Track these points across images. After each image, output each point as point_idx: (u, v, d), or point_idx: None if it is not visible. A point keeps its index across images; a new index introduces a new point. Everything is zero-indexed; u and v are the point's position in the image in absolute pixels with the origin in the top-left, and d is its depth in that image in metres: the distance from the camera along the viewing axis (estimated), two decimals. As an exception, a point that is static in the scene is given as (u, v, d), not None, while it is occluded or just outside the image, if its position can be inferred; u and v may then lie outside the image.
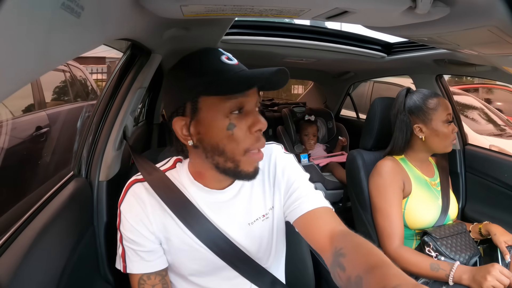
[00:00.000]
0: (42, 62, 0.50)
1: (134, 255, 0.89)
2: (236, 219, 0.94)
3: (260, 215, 0.97)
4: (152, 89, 3.12)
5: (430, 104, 1.51)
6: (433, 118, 1.50)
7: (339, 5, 0.96)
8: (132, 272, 0.90)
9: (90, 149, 1.31)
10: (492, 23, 0.91)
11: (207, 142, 0.82)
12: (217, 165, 0.84)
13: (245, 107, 0.82)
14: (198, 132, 0.83)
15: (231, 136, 0.80)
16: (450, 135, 1.50)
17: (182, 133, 0.85)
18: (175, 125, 0.85)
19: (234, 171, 0.84)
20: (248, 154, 0.83)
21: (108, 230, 1.25)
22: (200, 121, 0.82)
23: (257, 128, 0.82)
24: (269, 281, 0.98)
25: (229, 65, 0.82)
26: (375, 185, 1.55)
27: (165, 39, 1.41)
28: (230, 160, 0.83)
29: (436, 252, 1.37)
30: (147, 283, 0.90)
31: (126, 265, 0.90)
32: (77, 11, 0.53)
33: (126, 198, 0.91)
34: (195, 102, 0.81)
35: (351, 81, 3.52)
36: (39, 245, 0.87)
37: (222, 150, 0.82)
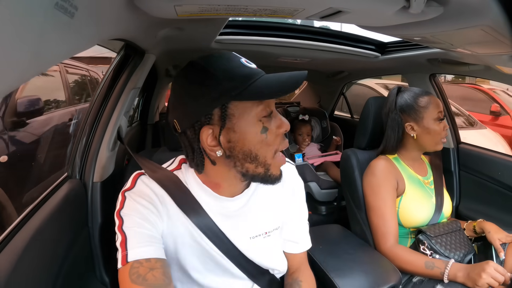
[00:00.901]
0: (35, 63, 0.50)
1: (136, 238, 0.80)
2: (239, 230, 0.93)
3: (262, 232, 0.97)
4: (146, 90, 3.12)
5: (421, 102, 1.52)
6: (424, 116, 1.51)
7: (333, 4, 0.96)
8: (133, 259, 0.78)
9: (84, 150, 1.31)
10: (486, 23, 0.91)
11: (239, 150, 0.80)
12: (245, 173, 0.83)
13: (272, 110, 0.83)
14: (229, 140, 0.80)
15: (264, 140, 0.80)
16: (441, 133, 1.51)
17: (209, 143, 0.80)
18: (202, 135, 0.80)
19: (264, 176, 0.84)
20: (275, 157, 0.84)
21: (102, 231, 1.24)
22: (232, 127, 0.79)
23: (284, 129, 0.84)
24: (267, 279, 0.99)
25: (252, 69, 0.80)
26: (369, 184, 1.55)
27: (159, 39, 1.41)
28: (262, 165, 0.82)
29: (430, 250, 1.38)
30: (144, 265, 0.77)
31: (127, 253, 0.78)
32: (71, 11, 0.53)
33: (137, 186, 0.87)
34: (225, 109, 0.78)
35: (345, 81, 3.53)
36: (34, 247, 0.87)
37: (255, 155, 0.81)
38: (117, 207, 0.85)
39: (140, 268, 0.77)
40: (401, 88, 1.64)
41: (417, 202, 1.51)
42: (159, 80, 3.06)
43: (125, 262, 0.78)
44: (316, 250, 1.35)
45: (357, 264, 1.30)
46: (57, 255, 0.98)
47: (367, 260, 1.37)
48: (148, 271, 0.77)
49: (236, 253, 0.92)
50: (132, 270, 0.76)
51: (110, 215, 1.05)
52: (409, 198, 1.51)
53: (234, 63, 0.80)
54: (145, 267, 0.77)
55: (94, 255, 1.22)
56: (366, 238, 1.57)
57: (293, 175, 1.07)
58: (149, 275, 0.76)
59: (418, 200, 1.52)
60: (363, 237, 1.59)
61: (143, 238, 0.81)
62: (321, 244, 1.43)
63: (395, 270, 1.27)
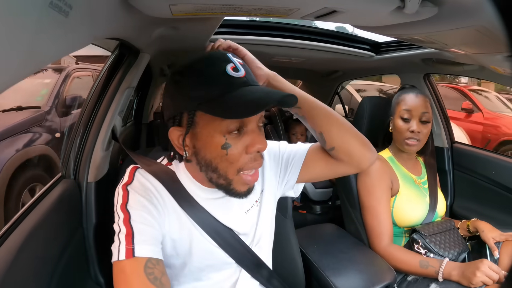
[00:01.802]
0: (29, 62, 0.50)
1: (145, 235, 0.79)
2: (232, 210, 0.94)
3: (253, 202, 0.98)
4: (140, 89, 3.11)
5: (397, 99, 1.58)
6: (395, 112, 1.57)
7: (328, 4, 0.96)
8: (142, 255, 0.77)
9: (78, 150, 1.30)
10: (480, 23, 0.92)
11: (202, 157, 0.81)
12: (210, 179, 0.83)
13: (245, 127, 0.79)
14: (193, 146, 0.81)
15: (224, 156, 0.78)
16: (403, 131, 1.52)
17: (178, 142, 0.82)
18: (171, 134, 0.82)
19: (226, 188, 0.83)
20: (241, 175, 0.81)
21: (97, 232, 1.23)
22: (195, 135, 0.80)
23: (255, 149, 0.79)
24: (267, 274, 0.99)
25: (234, 78, 0.76)
26: (363, 184, 1.56)
27: (154, 38, 1.40)
28: (223, 178, 0.81)
29: (425, 249, 1.39)
30: (157, 268, 0.77)
31: (133, 247, 0.76)
32: (65, 10, 0.53)
33: (135, 180, 0.86)
34: (192, 115, 0.78)
35: (340, 80, 3.53)
36: (27, 249, 0.86)
37: (215, 167, 0.80)
38: (120, 201, 0.83)
39: (155, 270, 0.77)
40: (406, 86, 1.67)
41: (411, 202, 1.52)
42: (153, 80, 3.05)
43: (130, 255, 0.76)
44: (311, 249, 1.36)
45: (352, 263, 1.31)
46: (51, 255, 0.97)
47: (362, 259, 1.37)
48: (161, 275, 0.78)
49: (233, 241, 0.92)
50: (147, 270, 0.76)
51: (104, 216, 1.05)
52: (403, 198, 1.51)
53: (214, 70, 0.77)
54: (158, 270, 0.78)
55: (88, 255, 1.21)
56: (360, 237, 1.57)
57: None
58: (163, 279, 0.78)
59: (412, 200, 1.53)
60: (358, 236, 1.59)
61: (150, 236, 0.80)
62: (316, 243, 1.43)
63: (390, 269, 1.27)
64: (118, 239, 0.79)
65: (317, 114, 0.96)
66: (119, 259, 0.76)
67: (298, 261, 1.28)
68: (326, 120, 0.96)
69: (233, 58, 0.80)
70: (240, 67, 0.79)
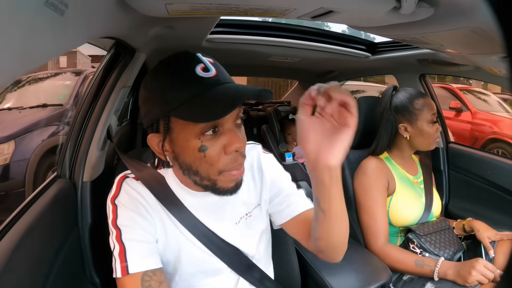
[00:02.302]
0: (25, 60, 0.49)
1: (136, 250, 0.80)
2: (223, 219, 0.93)
3: (243, 214, 0.96)
4: (136, 88, 3.09)
5: (417, 105, 1.52)
6: (419, 118, 1.51)
7: (324, 4, 0.97)
8: (136, 270, 0.78)
9: (73, 150, 1.29)
10: (476, 24, 0.92)
11: (182, 161, 0.80)
12: (195, 182, 0.82)
13: (221, 127, 0.77)
14: (173, 151, 0.81)
15: (203, 158, 0.77)
16: (434, 135, 1.52)
17: (158, 148, 0.82)
18: (150, 141, 0.82)
19: (213, 189, 0.82)
20: (224, 174, 0.79)
21: (93, 232, 1.23)
22: (173, 140, 0.79)
23: (232, 148, 0.77)
24: (259, 276, 0.98)
25: (204, 79, 0.74)
26: (360, 184, 1.56)
27: (150, 37, 1.40)
28: (206, 179, 0.80)
29: (420, 249, 1.39)
30: (153, 279, 0.78)
31: (127, 264, 0.78)
32: (61, 9, 0.52)
33: (122, 192, 0.85)
34: (167, 121, 0.77)
35: (336, 80, 3.54)
36: (22, 249, 0.85)
37: (196, 170, 0.79)
38: (111, 216, 0.83)
39: (152, 282, 0.78)
40: (397, 88, 1.65)
41: (407, 202, 1.52)
42: (149, 79, 3.04)
43: (125, 273, 0.77)
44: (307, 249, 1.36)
45: (348, 263, 1.30)
46: (46, 256, 0.97)
47: (358, 259, 1.37)
48: (159, 285, 0.79)
49: (222, 245, 0.91)
50: (144, 283, 0.77)
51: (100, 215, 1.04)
52: (399, 198, 1.52)
53: (183, 72, 0.76)
54: (155, 281, 0.78)
55: (84, 255, 1.21)
56: (356, 237, 1.58)
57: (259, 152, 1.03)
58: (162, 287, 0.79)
59: (408, 200, 1.53)
60: (354, 236, 1.59)
61: (143, 249, 0.81)
62: (312, 243, 1.43)
63: (386, 269, 1.28)
64: (114, 257, 0.80)
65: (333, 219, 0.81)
66: (117, 276, 0.78)
67: (293, 261, 1.28)
68: (337, 222, 0.82)
69: (203, 57, 0.78)
70: (211, 66, 0.77)
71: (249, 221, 0.97)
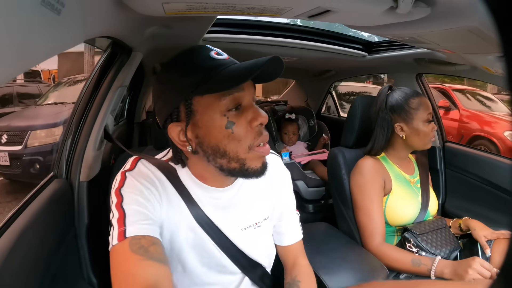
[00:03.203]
0: (21, 59, 0.49)
1: (137, 215, 0.77)
2: (230, 221, 0.91)
3: (253, 223, 0.95)
4: (132, 88, 3.09)
5: (412, 104, 1.52)
6: (414, 118, 1.51)
7: (321, 4, 0.97)
8: (134, 233, 0.74)
9: (70, 150, 1.29)
10: (472, 24, 0.93)
11: (207, 145, 0.79)
12: (221, 168, 0.81)
13: (242, 102, 0.79)
14: (196, 136, 0.79)
15: (231, 135, 0.77)
16: (430, 134, 1.52)
17: (180, 139, 0.81)
18: (171, 132, 0.81)
19: (241, 170, 0.81)
20: (253, 151, 0.80)
21: (89, 232, 1.22)
22: (196, 123, 0.78)
23: (258, 122, 0.78)
24: (260, 273, 0.99)
25: (219, 60, 0.78)
26: (356, 183, 1.56)
27: (146, 37, 1.40)
28: (234, 160, 0.79)
29: (417, 248, 1.39)
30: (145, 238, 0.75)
31: (125, 229, 0.74)
32: (58, 8, 0.52)
33: (137, 167, 0.85)
34: (189, 104, 0.77)
35: (332, 80, 3.55)
36: (20, 249, 0.85)
37: (223, 151, 0.78)
38: (116, 185, 0.82)
39: (142, 240, 0.74)
40: (392, 87, 1.65)
41: (403, 201, 1.52)
42: (146, 78, 3.04)
43: (122, 238, 0.74)
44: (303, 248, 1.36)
45: (345, 262, 1.31)
46: (43, 256, 0.96)
47: (355, 258, 1.38)
48: (150, 244, 0.75)
49: (229, 244, 0.91)
50: (133, 241, 0.73)
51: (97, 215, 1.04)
52: (395, 197, 1.52)
53: (199, 57, 0.79)
54: (146, 240, 0.75)
55: (81, 255, 1.20)
56: (353, 236, 1.58)
57: (280, 166, 1.06)
58: (151, 248, 0.74)
59: (405, 199, 1.53)
60: (350, 235, 1.60)
61: (143, 216, 0.78)
62: (309, 242, 1.43)
63: (382, 267, 1.28)
64: (112, 224, 0.77)
65: None
66: (112, 244, 0.75)
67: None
68: None
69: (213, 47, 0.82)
70: (222, 52, 0.81)
71: (258, 231, 0.97)
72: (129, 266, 0.72)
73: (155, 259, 0.73)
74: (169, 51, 2.11)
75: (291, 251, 1.07)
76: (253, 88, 0.82)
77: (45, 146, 4.91)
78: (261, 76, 0.79)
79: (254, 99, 0.83)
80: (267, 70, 0.78)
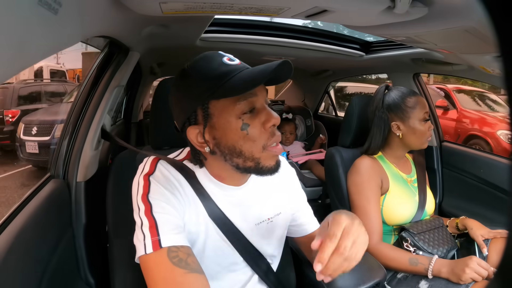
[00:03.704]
0: (18, 59, 0.49)
1: (168, 225, 0.80)
2: (246, 218, 0.96)
3: (266, 218, 0.99)
4: (130, 88, 3.09)
5: (409, 103, 1.53)
6: (411, 116, 1.52)
7: (319, 3, 0.97)
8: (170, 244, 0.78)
9: (67, 150, 1.28)
10: (470, 23, 0.93)
11: (224, 146, 0.83)
12: (237, 166, 0.85)
13: (256, 106, 0.83)
14: (214, 137, 0.84)
15: (246, 136, 0.81)
16: (427, 133, 1.52)
17: (198, 141, 0.85)
18: (189, 135, 0.85)
19: (256, 168, 0.85)
20: (266, 150, 0.84)
21: (87, 232, 1.22)
22: (213, 126, 0.83)
23: (271, 123, 0.83)
24: (265, 268, 1.02)
25: (232, 65, 0.82)
26: (353, 183, 1.56)
27: (144, 36, 1.40)
28: (250, 159, 0.84)
29: (414, 247, 1.40)
30: (181, 250, 0.79)
31: (159, 238, 0.78)
32: (55, 8, 0.52)
33: (158, 170, 0.88)
34: (206, 108, 0.82)
35: (330, 79, 3.55)
36: (17, 249, 0.85)
37: (239, 151, 0.83)
38: (141, 191, 0.84)
39: (179, 252, 0.78)
40: (389, 87, 1.65)
41: (400, 200, 1.53)
42: (143, 78, 3.04)
43: (158, 247, 0.77)
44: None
45: (343, 262, 1.31)
46: (41, 256, 0.96)
47: (352, 257, 1.38)
48: (187, 256, 0.78)
49: (241, 238, 0.94)
50: (171, 254, 0.77)
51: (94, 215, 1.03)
52: (393, 196, 1.52)
53: (213, 64, 0.82)
54: (183, 252, 0.78)
55: (78, 256, 1.20)
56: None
57: (285, 163, 1.11)
58: (189, 259, 0.78)
59: (402, 198, 1.53)
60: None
61: (174, 225, 0.81)
62: (307, 242, 1.43)
63: (380, 267, 1.28)
64: (142, 232, 0.79)
65: None
66: (146, 252, 0.77)
67: (289, 260, 1.28)
68: None
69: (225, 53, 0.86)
70: (234, 58, 0.85)
71: (270, 226, 1.01)
72: (175, 278, 0.76)
73: (195, 271, 0.78)
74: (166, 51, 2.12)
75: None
76: (265, 91, 0.87)
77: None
78: (271, 79, 0.83)
79: (267, 102, 0.87)
80: (277, 73, 0.81)
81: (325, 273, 0.72)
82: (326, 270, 0.72)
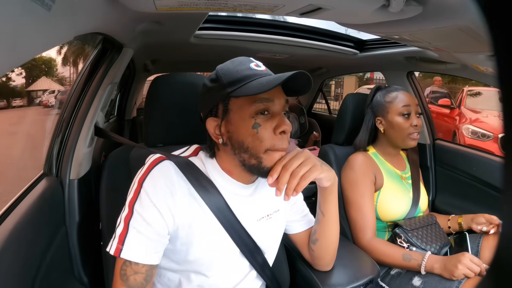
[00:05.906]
0: (10, 57, 0.49)
1: (136, 239, 0.85)
2: (249, 214, 1.01)
3: (265, 214, 1.05)
4: (123, 85, 3.07)
5: (388, 98, 1.57)
6: (389, 111, 1.56)
7: (313, 1, 0.97)
8: (126, 257, 0.84)
9: (60, 147, 1.28)
10: (464, 22, 0.93)
11: (235, 140, 0.90)
12: (243, 162, 0.91)
13: (271, 110, 0.90)
14: (228, 131, 0.91)
15: (255, 135, 0.88)
16: (405, 128, 1.53)
17: (215, 132, 0.93)
18: (208, 125, 0.94)
19: (258, 168, 0.90)
20: (268, 152, 0.89)
21: (80, 230, 1.21)
22: (230, 120, 0.90)
23: (281, 129, 0.88)
24: (260, 262, 1.05)
25: (257, 70, 0.90)
26: (347, 179, 1.57)
27: (137, 33, 1.39)
28: (254, 157, 0.89)
29: (407, 243, 1.41)
30: (132, 267, 0.85)
31: (122, 248, 0.84)
32: (48, 4, 0.51)
33: (152, 174, 0.90)
34: (226, 103, 0.90)
35: (324, 77, 3.56)
36: (9, 249, 0.84)
37: (246, 147, 0.89)
38: (131, 194, 0.89)
39: (128, 269, 0.85)
40: (381, 87, 1.68)
41: (394, 196, 1.54)
42: (136, 75, 3.02)
43: (117, 255, 0.85)
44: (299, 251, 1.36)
45: (336, 258, 1.31)
46: (34, 255, 0.95)
47: (346, 254, 1.38)
48: (132, 273, 0.85)
49: (242, 232, 0.98)
50: (123, 266, 0.85)
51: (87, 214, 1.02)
52: (387, 193, 1.53)
53: (240, 67, 0.90)
54: (131, 269, 0.85)
55: (72, 254, 1.19)
56: (344, 233, 1.59)
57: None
58: (131, 277, 0.85)
59: (396, 195, 1.55)
60: (341, 232, 1.59)
61: (142, 241, 0.86)
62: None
63: (373, 264, 1.29)
64: (115, 232, 0.87)
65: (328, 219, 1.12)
66: (110, 251, 0.86)
67: (282, 257, 1.28)
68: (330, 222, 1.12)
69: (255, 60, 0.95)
70: (261, 64, 0.94)
71: (269, 222, 1.06)
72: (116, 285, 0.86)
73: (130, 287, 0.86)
74: (160, 48, 2.11)
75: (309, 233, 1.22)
76: (284, 99, 0.93)
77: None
78: (292, 90, 0.94)
79: (284, 109, 0.93)
80: (295, 85, 0.91)
81: (278, 188, 0.86)
82: (278, 185, 0.86)
